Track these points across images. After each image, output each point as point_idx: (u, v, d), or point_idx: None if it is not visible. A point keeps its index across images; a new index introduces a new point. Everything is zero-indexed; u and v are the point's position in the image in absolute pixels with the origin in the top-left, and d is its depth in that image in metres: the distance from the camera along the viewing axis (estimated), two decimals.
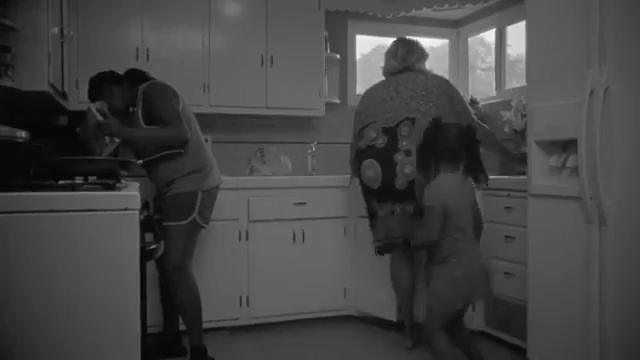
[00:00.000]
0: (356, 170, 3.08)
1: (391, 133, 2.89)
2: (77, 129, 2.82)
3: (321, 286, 3.52)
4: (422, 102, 2.88)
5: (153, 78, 2.83)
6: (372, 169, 2.93)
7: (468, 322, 3.25)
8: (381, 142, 2.91)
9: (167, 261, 2.70)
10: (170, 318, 3.01)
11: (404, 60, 3.06)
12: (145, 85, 2.75)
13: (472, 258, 2.38)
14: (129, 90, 2.80)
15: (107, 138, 2.71)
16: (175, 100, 2.74)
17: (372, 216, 3.02)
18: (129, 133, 2.71)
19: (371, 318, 3.50)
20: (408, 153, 2.83)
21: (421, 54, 3.11)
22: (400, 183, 2.84)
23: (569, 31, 2.41)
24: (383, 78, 3.18)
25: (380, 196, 2.94)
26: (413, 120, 2.86)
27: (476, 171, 2.65)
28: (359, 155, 3.03)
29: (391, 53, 3.13)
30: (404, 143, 2.84)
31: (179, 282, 2.74)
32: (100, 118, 2.68)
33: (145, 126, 2.70)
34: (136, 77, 2.83)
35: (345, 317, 3.58)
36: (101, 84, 2.80)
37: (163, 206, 2.73)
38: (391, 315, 3.36)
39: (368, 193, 3.01)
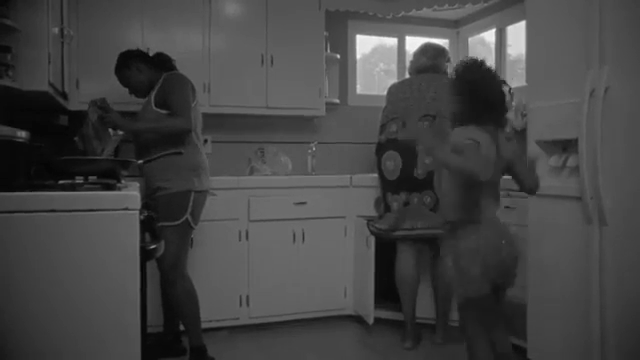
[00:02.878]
0: (376, 163, 3.18)
1: (412, 127, 3.01)
2: (75, 138, 2.80)
3: (321, 286, 3.52)
4: (443, 105, 2.95)
5: (177, 69, 2.92)
6: (392, 160, 3.06)
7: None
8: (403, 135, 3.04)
9: (162, 262, 2.69)
10: (170, 318, 3.01)
11: (434, 58, 3.19)
12: (170, 73, 2.84)
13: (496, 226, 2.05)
14: (154, 72, 2.86)
15: (111, 131, 2.75)
16: (192, 95, 2.80)
17: (386, 209, 3.14)
18: (132, 125, 2.76)
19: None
20: None
21: (447, 59, 3.26)
22: (419, 172, 2.97)
23: (569, 31, 2.41)
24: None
25: (396, 187, 3.05)
26: (434, 117, 2.98)
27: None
28: (379, 148, 3.15)
29: (422, 51, 3.25)
30: None
31: (175, 283, 2.73)
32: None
33: (154, 107, 2.73)
34: (163, 62, 2.92)
35: (345, 317, 3.58)
36: (129, 60, 2.86)
37: (156, 206, 2.72)
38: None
39: (385, 185, 3.13)
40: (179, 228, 2.71)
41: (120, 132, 2.76)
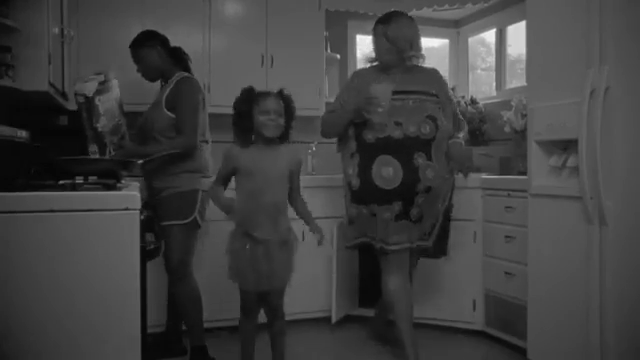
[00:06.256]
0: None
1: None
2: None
3: (321, 286, 3.51)
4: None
5: (191, 70, 2.91)
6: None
7: (468, 321, 3.28)
8: None
9: (169, 261, 2.69)
10: (174, 317, 3.01)
11: None
12: (185, 75, 2.81)
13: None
14: (169, 64, 2.85)
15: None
16: (202, 103, 2.81)
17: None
18: (140, 152, 2.71)
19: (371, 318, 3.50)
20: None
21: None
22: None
23: (569, 31, 2.41)
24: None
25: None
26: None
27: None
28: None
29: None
30: None
31: (181, 282, 2.74)
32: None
33: (165, 110, 2.72)
34: (179, 57, 2.89)
35: (345, 317, 3.58)
36: (153, 41, 2.83)
37: (161, 206, 2.72)
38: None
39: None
40: (187, 226, 2.71)
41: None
